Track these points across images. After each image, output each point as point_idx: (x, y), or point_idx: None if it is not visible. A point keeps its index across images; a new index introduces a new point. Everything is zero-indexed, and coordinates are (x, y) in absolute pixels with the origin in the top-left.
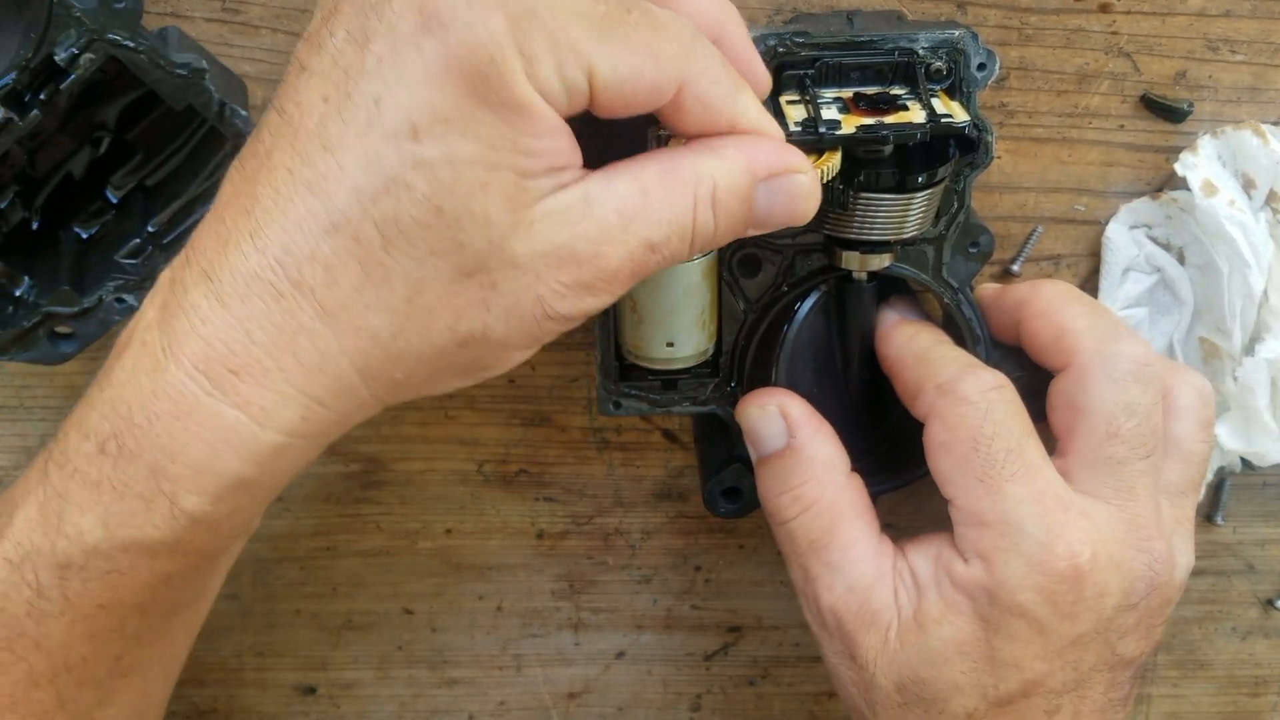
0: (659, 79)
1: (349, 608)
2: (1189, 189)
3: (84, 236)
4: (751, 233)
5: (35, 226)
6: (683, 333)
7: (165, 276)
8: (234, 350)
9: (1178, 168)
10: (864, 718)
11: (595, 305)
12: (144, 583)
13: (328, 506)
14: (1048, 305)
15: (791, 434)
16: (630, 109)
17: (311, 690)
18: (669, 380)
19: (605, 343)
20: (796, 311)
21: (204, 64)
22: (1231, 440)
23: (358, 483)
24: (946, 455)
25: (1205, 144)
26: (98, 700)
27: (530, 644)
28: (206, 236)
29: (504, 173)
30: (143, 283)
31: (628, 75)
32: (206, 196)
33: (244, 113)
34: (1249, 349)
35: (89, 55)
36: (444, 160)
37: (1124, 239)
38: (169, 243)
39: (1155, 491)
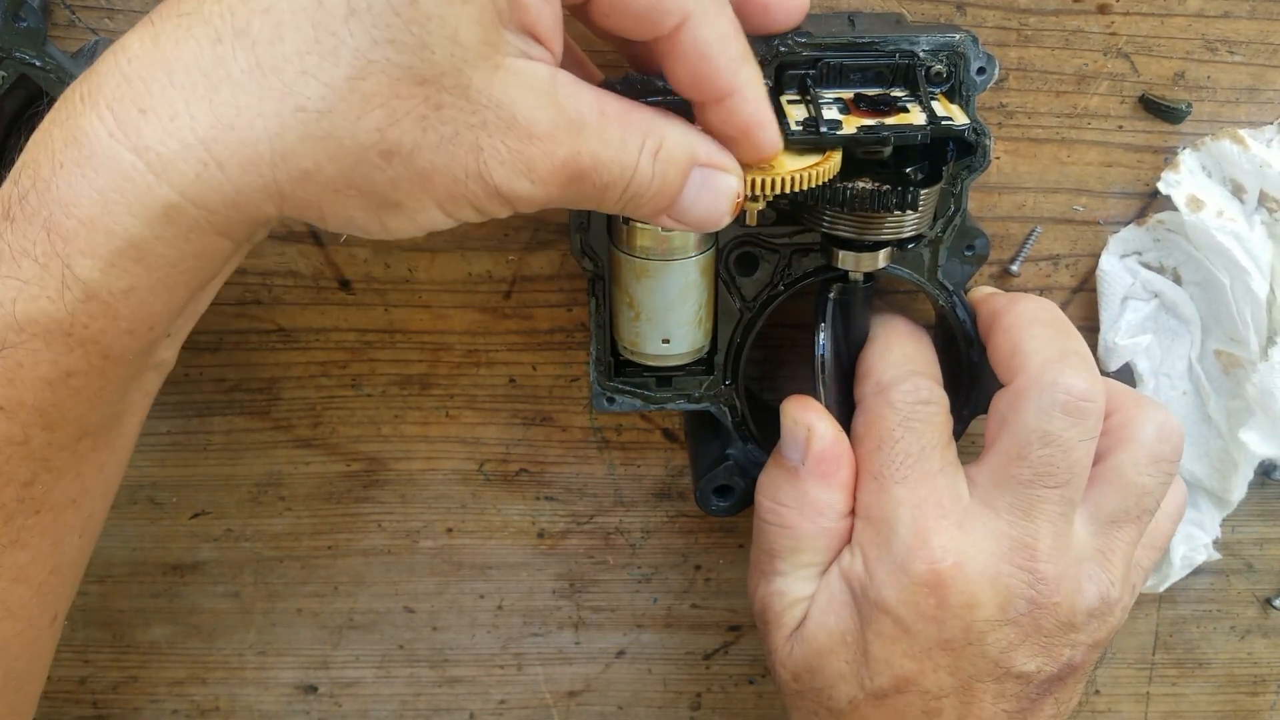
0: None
1: (350, 606)
2: (1175, 208)
3: None
4: (666, 222)
5: None
6: (679, 330)
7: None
8: (150, 90)
9: (1161, 187)
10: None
11: (526, 192)
12: (43, 378)
13: (329, 506)
14: (1013, 322)
15: (803, 460)
16: (623, 21)
17: (313, 689)
18: (664, 377)
19: (600, 338)
20: (820, 335)
21: None
22: (1261, 446)
23: (359, 482)
24: (858, 447)
25: (1186, 159)
26: (9, 538)
27: (531, 643)
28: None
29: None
30: None
31: None
32: None
33: None
34: (1265, 353)
35: (0, 73)
36: None
37: (1117, 269)
38: None
39: (1063, 519)
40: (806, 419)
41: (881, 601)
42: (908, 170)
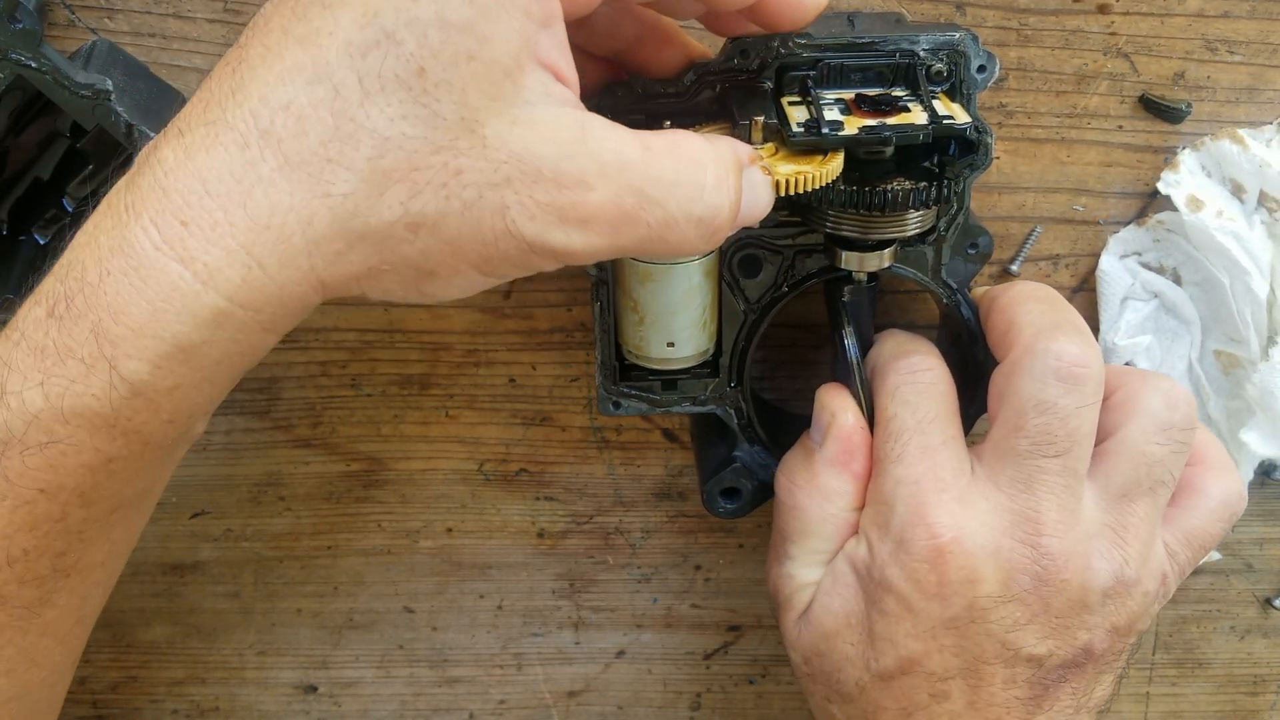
0: None
1: (350, 606)
2: (1174, 208)
3: (41, 243)
4: (728, 233)
5: (4, 230)
6: (683, 333)
7: (147, 146)
8: (189, 202)
9: (1161, 187)
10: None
11: (563, 243)
12: (85, 464)
13: (329, 505)
14: (1009, 301)
15: (820, 444)
16: None
17: (313, 689)
18: (669, 380)
19: (605, 342)
20: (846, 338)
21: (109, 85)
22: (1261, 446)
23: (359, 482)
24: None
25: (1186, 158)
26: (39, 599)
27: (531, 643)
28: (192, 102)
29: (493, 47)
30: None
31: None
32: None
33: (152, 134)
34: (1265, 353)
35: None
36: (436, 20)
37: (1116, 269)
38: None
39: (1067, 492)
40: (833, 405)
41: (885, 580)
42: (925, 164)
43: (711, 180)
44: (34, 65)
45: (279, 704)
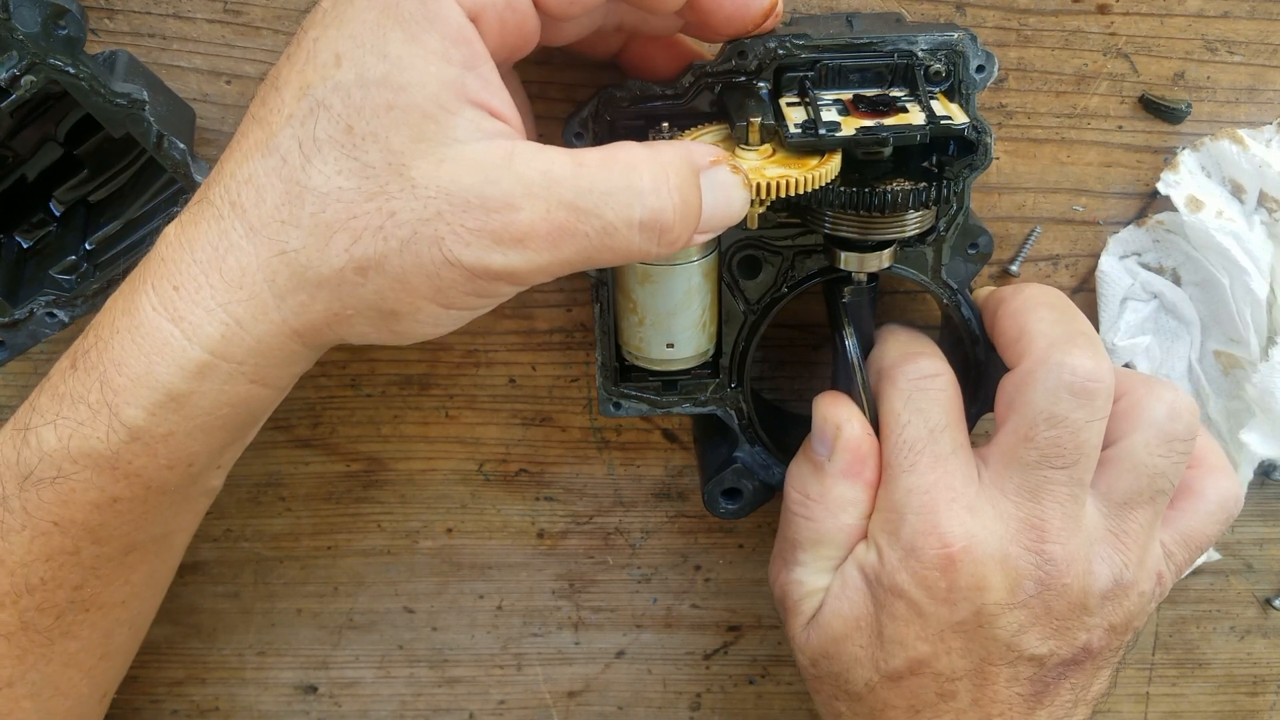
0: None
1: (350, 607)
2: (1174, 208)
3: (24, 246)
4: (699, 239)
5: None
6: (683, 334)
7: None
8: (179, 269)
9: (1160, 187)
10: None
11: (503, 264)
12: (92, 502)
13: (329, 506)
14: (1019, 306)
15: (829, 456)
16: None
17: (313, 689)
18: (669, 381)
19: (605, 344)
20: (847, 340)
21: (144, 95)
22: (1261, 446)
23: (359, 482)
24: (880, 442)
25: (1186, 159)
26: (60, 630)
27: (530, 643)
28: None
29: (410, 94)
30: (75, 300)
31: None
32: (145, 219)
33: (182, 145)
34: (1265, 353)
35: (30, 77)
36: (356, 81)
37: (1116, 270)
38: (104, 262)
39: (1072, 500)
40: (836, 416)
41: (895, 585)
42: (924, 165)
43: (648, 184)
44: (72, 71)
45: (279, 704)
